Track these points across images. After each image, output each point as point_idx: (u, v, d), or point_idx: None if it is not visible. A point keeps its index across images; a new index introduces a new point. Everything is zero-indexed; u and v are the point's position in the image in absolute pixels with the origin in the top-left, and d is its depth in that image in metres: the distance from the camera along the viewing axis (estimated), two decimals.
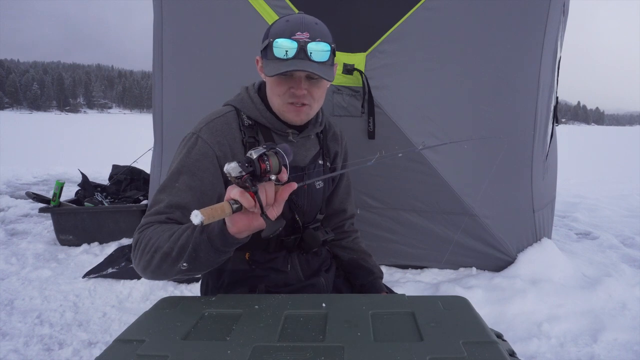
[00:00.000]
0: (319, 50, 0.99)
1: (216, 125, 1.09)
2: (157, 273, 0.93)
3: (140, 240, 0.95)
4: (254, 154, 0.76)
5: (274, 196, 0.81)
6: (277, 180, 0.80)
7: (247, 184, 0.74)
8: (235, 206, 0.76)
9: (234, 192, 0.77)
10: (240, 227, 0.81)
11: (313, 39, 0.99)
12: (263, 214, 0.79)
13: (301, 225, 1.18)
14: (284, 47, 0.99)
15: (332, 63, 1.06)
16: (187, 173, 1.03)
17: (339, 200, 1.36)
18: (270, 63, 1.02)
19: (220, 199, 1.04)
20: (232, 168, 0.74)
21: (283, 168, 0.80)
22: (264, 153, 0.77)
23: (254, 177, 0.75)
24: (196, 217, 0.71)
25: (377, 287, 1.29)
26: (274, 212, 0.82)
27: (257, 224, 0.81)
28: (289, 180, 0.83)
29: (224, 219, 0.81)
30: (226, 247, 0.86)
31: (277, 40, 0.99)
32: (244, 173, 0.74)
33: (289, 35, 0.99)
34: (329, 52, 1.01)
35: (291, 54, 0.99)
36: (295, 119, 1.09)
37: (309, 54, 0.99)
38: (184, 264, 0.87)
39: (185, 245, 0.87)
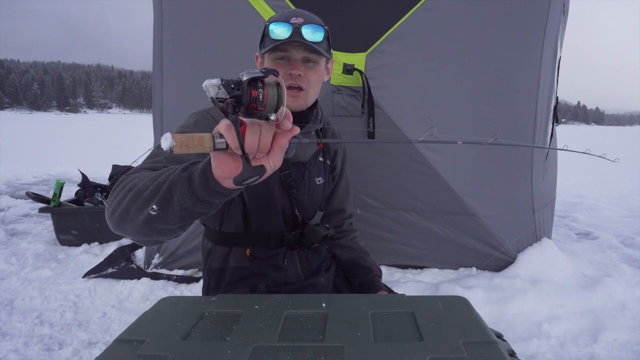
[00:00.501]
0: (313, 32, 1.05)
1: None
2: (124, 219, 0.79)
3: (120, 181, 0.84)
4: (244, 76, 0.57)
5: (270, 142, 0.63)
6: (275, 121, 0.61)
7: (228, 110, 0.57)
8: (218, 140, 0.60)
9: (222, 124, 0.62)
10: (226, 170, 0.65)
11: (307, 23, 1.05)
12: (243, 155, 0.60)
13: (301, 221, 1.19)
14: (279, 29, 1.04)
15: (327, 48, 1.10)
16: None
17: (339, 199, 1.37)
18: (268, 47, 1.07)
19: None
20: (211, 85, 0.56)
21: (282, 107, 0.60)
22: (260, 78, 0.58)
23: (238, 105, 0.57)
24: (166, 140, 0.56)
25: (376, 285, 1.29)
26: (269, 163, 0.64)
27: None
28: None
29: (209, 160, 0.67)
30: (205, 193, 0.70)
31: (272, 23, 1.05)
32: (227, 96, 0.57)
33: (284, 20, 1.05)
34: (322, 34, 1.06)
35: (286, 36, 1.04)
36: (293, 103, 1.11)
37: (304, 37, 1.04)
38: (154, 206, 0.73)
39: (162, 183, 0.74)
